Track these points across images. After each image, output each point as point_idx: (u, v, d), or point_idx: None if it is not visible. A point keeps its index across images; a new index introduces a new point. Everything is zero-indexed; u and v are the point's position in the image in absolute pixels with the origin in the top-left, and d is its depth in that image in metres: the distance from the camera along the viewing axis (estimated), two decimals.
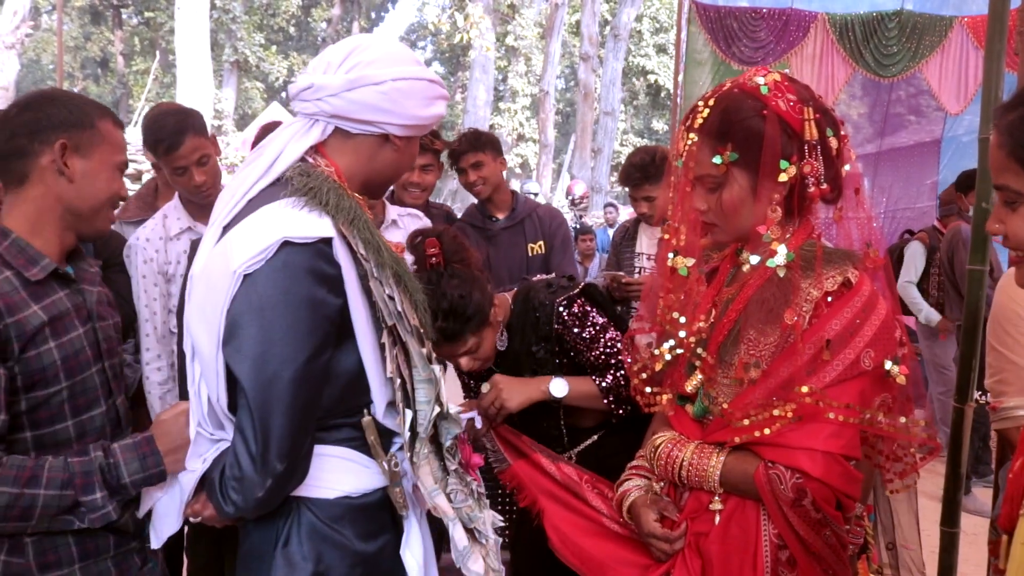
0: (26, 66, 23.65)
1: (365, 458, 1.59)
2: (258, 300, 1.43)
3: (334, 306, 1.47)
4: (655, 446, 1.81)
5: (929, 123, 8.04)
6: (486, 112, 19.05)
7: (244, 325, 1.44)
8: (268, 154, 1.58)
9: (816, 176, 1.63)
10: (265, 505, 1.50)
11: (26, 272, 1.71)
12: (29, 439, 1.72)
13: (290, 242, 1.43)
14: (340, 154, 1.61)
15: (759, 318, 1.67)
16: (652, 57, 27.05)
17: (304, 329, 1.44)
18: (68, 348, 1.74)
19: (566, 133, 28.26)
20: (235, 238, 1.47)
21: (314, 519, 1.55)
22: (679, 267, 1.75)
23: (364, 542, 1.58)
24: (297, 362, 1.43)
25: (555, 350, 2.42)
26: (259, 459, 1.44)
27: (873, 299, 1.65)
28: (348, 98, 1.54)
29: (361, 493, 1.59)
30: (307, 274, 1.44)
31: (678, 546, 1.76)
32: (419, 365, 1.57)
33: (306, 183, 1.50)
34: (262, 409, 1.43)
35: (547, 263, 4.03)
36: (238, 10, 23.12)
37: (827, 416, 1.60)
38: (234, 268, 1.43)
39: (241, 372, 1.44)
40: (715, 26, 7.31)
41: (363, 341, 1.52)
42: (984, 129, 2.43)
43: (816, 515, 1.62)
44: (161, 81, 24.65)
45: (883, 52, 7.38)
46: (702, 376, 1.75)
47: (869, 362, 1.61)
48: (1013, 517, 1.40)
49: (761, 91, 1.66)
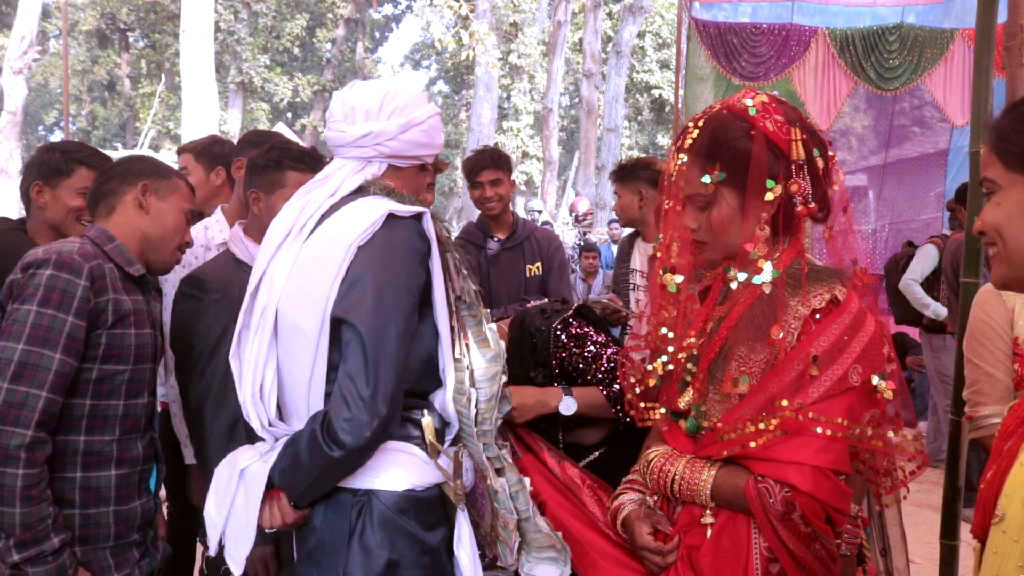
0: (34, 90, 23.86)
1: (424, 454, 1.77)
2: (375, 260, 1.69)
3: (422, 277, 1.75)
4: (648, 460, 1.84)
5: (933, 135, 8.05)
6: (490, 130, 19.12)
7: (363, 282, 1.68)
8: (329, 185, 1.84)
9: (803, 195, 1.67)
10: (371, 447, 1.68)
11: (127, 267, 2.12)
12: (86, 407, 2.01)
13: (394, 215, 1.72)
14: (394, 183, 1.87)
15: (748, 335, 1.69)
16: (655, 72, 27.13)
17: (407, 287, 1.71)
18: (140, 339, 2.10)
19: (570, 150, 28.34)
20: (338, 224, 1.74)
21: (385, 510, 1.72)
22: (668, 284, 1.78)
23: (428, 533, 1.76)
24: (404, 314, 1.69)
25: (554, 374, 2.44)
26: (369, 400, 1.63)
27: (861, 316, 1.67)
28: (403, 139, 1.83)
29: (424, 487, 1.77)
30: (407, 242, 1.73)
31: (671, 559, 1.77)
32: (491, 341, 1.84)
33: (384, 187, 1.81)
34: (376, 353, 1.65)
35: (544, 285, 4.07)
36: (243, 32, 23.31)
37: (814, 431, 1.61)
38: (349, 242, 1.69)
39: (361, 321, 1.66)
40: (715, 42, 7.35)
41: (440, 317, 1.78)
42: (975, 143, 2.46)
43: (805, 529, 1.63)
44: (167, 103, 24.82)
45: (884, 65, 7.41)
46: (694, 392, 1.77)
47: (857, 378, 1.63)
48: (986, 526, 1.42)
49: (749, 112, 1.70)
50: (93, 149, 2.71)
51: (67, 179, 2.59)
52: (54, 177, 2.59)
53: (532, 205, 13.09)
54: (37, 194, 2.61)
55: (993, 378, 2.12)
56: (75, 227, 2.59)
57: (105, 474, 2.05)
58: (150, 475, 2.19)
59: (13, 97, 15.35)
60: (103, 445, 2.04)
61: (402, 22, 34.63)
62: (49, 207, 2.60)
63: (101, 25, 26.65)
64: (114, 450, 2.06)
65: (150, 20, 25.21)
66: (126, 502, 2.08)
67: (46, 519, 1.90)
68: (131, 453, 2.10)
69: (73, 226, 2.60)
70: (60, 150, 2.62)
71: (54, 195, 2.59)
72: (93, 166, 2.59)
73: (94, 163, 2.60)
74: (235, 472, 1.78)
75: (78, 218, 2.59)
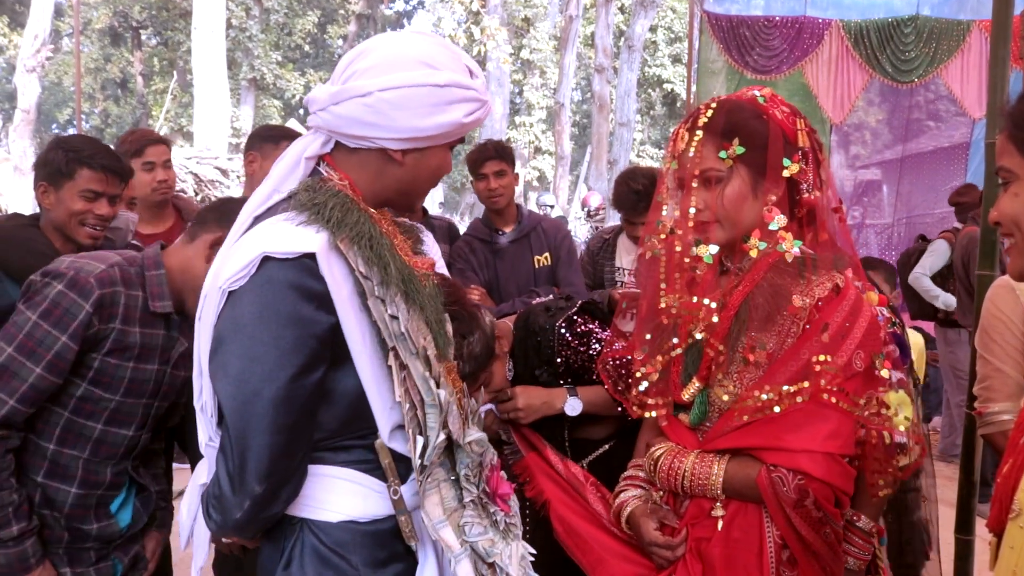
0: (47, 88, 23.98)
1: (377, 482, 1.50)
2: (240, 317, 1.38)
3: (324, 324, 1.39)
4: (655, 458, 1.85)
5: (949, 128, 7.98)
6: (502, 125, 19.08)
7: (226, 342, 1.40)
8: (281, 169, 1.53)
9: (808, 182, 1.72)
10: (246, 526, 1.45)
11: (154, 301, 2.04)
12: (63, 418, 2.00)
13: (271, 257, 1.37)
14: (349, 168, 1.53)
15: (760, 315, 1.72)
16: (668, 67, 27.06)
17: (287, 347, 1.37)
18: (139, 374, 2.04)
19: (582, 145, 28.27)
20: (228, 254, 1.45)
21: (316, 542, 1.48)
22: (704, 255, 1.75)
23: (372, 570, 1.49)
24: (279, 380, 1.36)
25: (559, 372, 2.43)
26: (236, 479, 1.39)
27: (859, 301, 1.72)
28: (335, 112, 1.46)
29: (371, 519, 1.50)
30: (291, 290, 1.37)
31: (679, 552, 1.79)
32: (422, 389, 1.47)
33: (311, 198, 1.44)
34: (240, 428, 1.38)
35: (554, 275, 4.04)
36: (254, 29, 23.34)
37: (830, 401, 1.65)
38: (220, 284, 1.40)
39: (221, 389, 1.41)
40: (727, 36, 7.30)
41: (361, 362, 1.44)
42: (991, 134, 2.44)
43: (817, 514, 1.68)
44: (180, 100, 24.90)
45: (900, 58, 7.35)
46: (699, 384, 1.78)
47: (860, 363, 1.69)
48: (1002, 520, 1.42)
49: (759, 101, 1.77)
50: (99, 147, 2.63)
51: (69, 182, 2.53)
52: (57, 178, 2.54)
53: (544, 200, 13.09)
54: (43, 195, 2.58)
55: (1004, 374, 2.10)
56: (78, 230, 2.57)
57: (64, 488, 2.03)
58: (112, 501, 2.15)
59: (27, 95, 15.40)
60: (69, 459, 2.03)
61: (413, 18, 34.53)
62: (54, 209, 2.57)
63: (114, 23, 26.77)
64: (79, 468, 2.04)
65: (162, 18, 25.28)
66: (80, 522, 2.06)
67: (7, 507, 1.91)
68: (96, 476, 2.07)
69: (76, 229, 2.57)
70: (64, 149, 2.56)
71: (58, 197, 2.55)
72: (95, 167, 2.54)
73: (96, 164, 2.54)
74: (199, 483, 1.62)
75: (82, 221, 2.56)
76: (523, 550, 1.62)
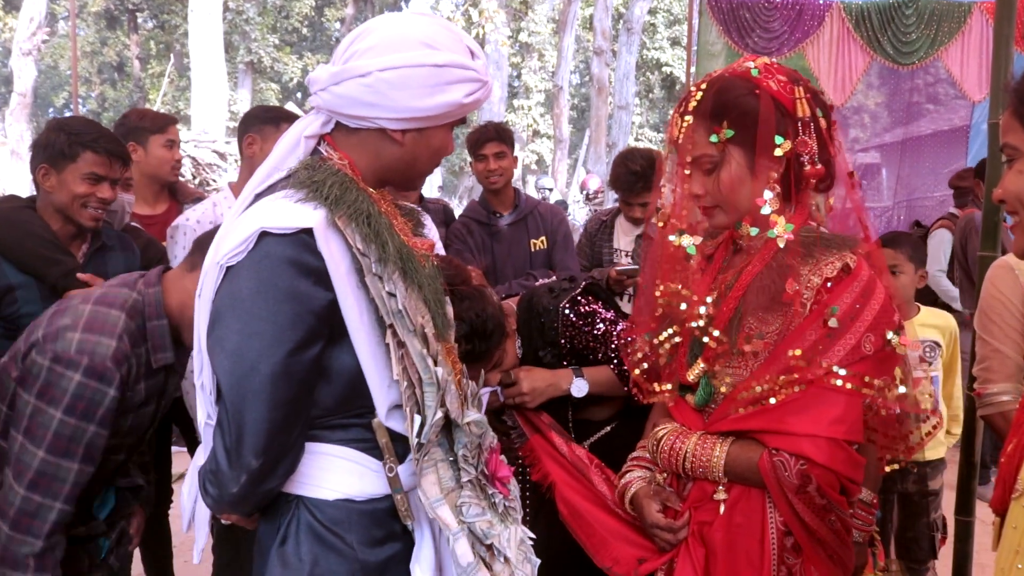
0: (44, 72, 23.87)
1: (374, 461, 1.50)
2: (237, 292, 1.39)
3: (322, 300, 1.40)
4: (657, 438, 1.82)
5: (948, 111, 7.94)
6: (500, 108, 19.03)
7: (224, 317, 1.40)
8: (283, 147, 1.54)
9: (811, 154, 1.64)
10: (242, 502, 1.46)
11: (154, 355, 1.93)
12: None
13: (269, 232, 1.38)
14: (348, 147, 1.54)
15: (762, 302, 1.67)
16: (667, 50, 26.92)
17: (284, 322, 1.37)
18: (140, 419, 1.99)
19: (581, 128, 28.18)
20: (227, 230, 1.45)
21: (312, 520, 1.48)
22: (687, 246, 1.73)
23: (368, 549, 1.49)
24: (276, 356, 1.37)
25: (563, 353, 2.43)
26: (233, 453, 1.40)
27: (872, 283, 1.66)
28: (335, 92, 1.47)
29: (367, 498, 1.50)
30: (288, 265, 1.37)
31: (682, 535, 1.76)
32: (420, 367, 1.47)
33: (310, 176, 1.44)
34: (236, 403, 1.39)
35: (550, 259, 4.07)
36: (251, 12, 23.20)
37: (833, 384, 1.60)
38: (218, 260, 1.41)
39: (218, 364, 1.41)
40: (727, 18, 7.25)
41: (358, 339, 1.44)
42: (994, 114, 2.42)
43: (820, 501, 1.63)
44: (177, 84, 24.79)
45: (901, 39, 7.30)
46: (704, 365, 1.74)
47: (870, 347, 1.62)
48: (1005, 500, 1.41)
49: (752, 73, 1.69)
50: (101, 131, 2.62)
51: (72, 164, 2.52)
52: (59, 161, 2.52)
53: (543, 183, 13.06)
54: (43, 177, 2.56)
55: (1003, 355, 2.11)
56: (81, 212, 2.56)
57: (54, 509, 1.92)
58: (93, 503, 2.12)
59: (23, 79, 15.34)
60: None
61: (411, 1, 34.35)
62: (55, 191, 2.55)
63: (110, 6, 26.60)
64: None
65: (159, 1, 25.14)
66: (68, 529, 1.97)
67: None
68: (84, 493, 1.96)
69: (79, 211, 2.55)
70: (66, 131, 2.54)
71: (60, 179, 2.53)
72: (99, 150, 2.53)
73: (100, 147, 2.53)
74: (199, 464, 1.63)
75: (84, 204, 2.55)
76: (522, 534, 1.62)
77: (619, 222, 4.29)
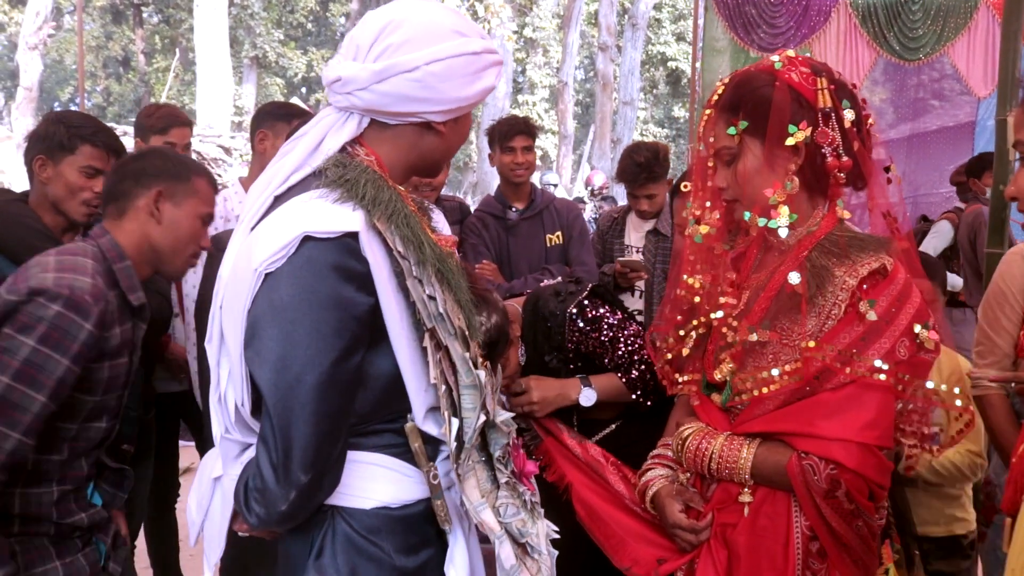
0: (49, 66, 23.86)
1: (407, 466, 1.46)
2: (279, 300, 1.32)
3: (364, 305, 1.35)
4: (682, 438, 1.78)
5: (954, 107, 7.92)
6: (505, 104, 19.01)
7: (264, 327, 1.33)
8: (303, 146, 1.47)
9: (833, 146, 1.61)
10: (290, 518, 1.40)
11: (129, 294, 1.98)
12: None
13: (312, 237, 1.31)
14: (379, 143, 1.49)
15: (793, 306, 1.65)
16: (672, 45, 26.88)
17: (329, 330, 1.32)
18: (115, 370, 1.96)
19: (585, 124, 28.14)
20: (260, 234, 1.37)
21: (349, 530, 1.43)
22: (695, 234, 1.72)
23: (405, 556, 1.45)
24: (322, 366, 1.32)
25: (569, 358, 2.43)
26: (281, 470, 1.34)
27: (908, 287, 1.63)
28: (379, 91, 1.41)
29: (402, 504, 1.45)
30: (332, 271, 1.32)
31: (704, 537, 1.74)
32: (462, 370, 1.42)
33: (342, 174, 1.39)
34: (283, 417, 1.33)
35: (565, 254, 4.06)
36: (256, 7, 23.19)
37: (878, 379, 1.57)
38: (255, 266, 1.33)
39: (261, 377, 1.35)
40: (733, 13, 7.23)
41: (398, 343, 1.39)
42: (1001, 110, 2.41)
43: (849, 506, 1.60)
44: (182, 79, 24.79)
45: (908, 35, 7.28)
46: (732, 364, 1.72)
47: (904, 351, 1.59)
48: (1016, 500, 1.41)
49: (775, 67, 1.68)
50: (100, 125, 2.62)
51: (70, 156, 2.51)
52: (57, 152, 2.51)
53: (548, 179, 13.05)
54: (40, 167, 2.54)
55: (993, 343, 2.22)
56: (76, 207, 2.54)
57: (47, 491, 1.94)
58: (87, 488, 2.08)
59: (29, 73, 15.35)
60: (49, 464, 1.94)
61: None
62: (51, 183, 2.54)
63: (115, 0, 26.60)
64: (58, 470, 1.96)
65: None
66: (68, 516, 1.98)
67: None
68: (74, 472, 2.00)
69: (73, 205, 2.54)
70: (66, 124, 2.53)
71: (56, 171, 2.52)
72: (98, 144, 2.52)
73: (99, 141, 2.53)
74: (213, 476, 1.58)
75: (78, 197, 2.53)
76: (547, 528, 1.60)
77: (630, 219, 4.31)
